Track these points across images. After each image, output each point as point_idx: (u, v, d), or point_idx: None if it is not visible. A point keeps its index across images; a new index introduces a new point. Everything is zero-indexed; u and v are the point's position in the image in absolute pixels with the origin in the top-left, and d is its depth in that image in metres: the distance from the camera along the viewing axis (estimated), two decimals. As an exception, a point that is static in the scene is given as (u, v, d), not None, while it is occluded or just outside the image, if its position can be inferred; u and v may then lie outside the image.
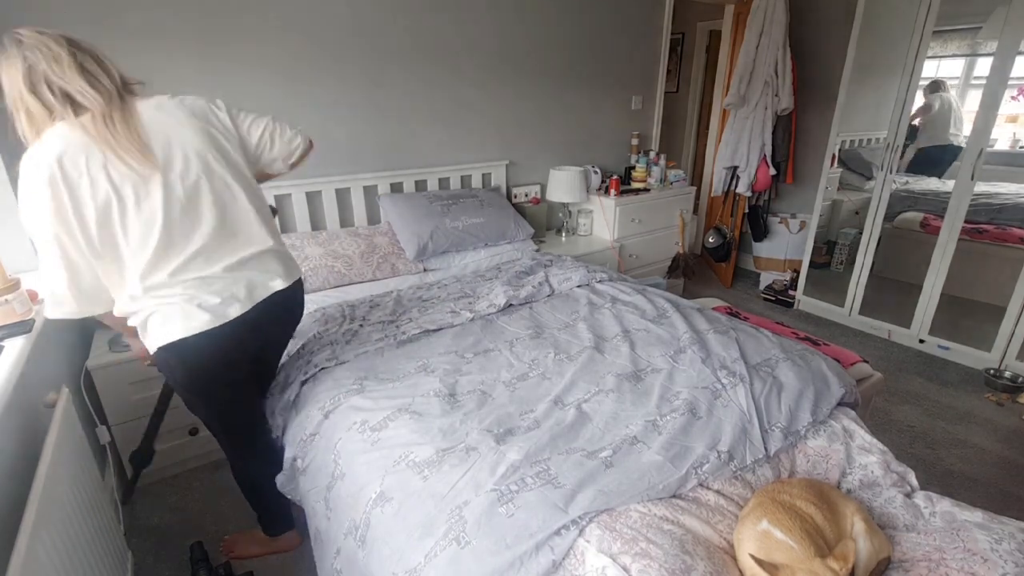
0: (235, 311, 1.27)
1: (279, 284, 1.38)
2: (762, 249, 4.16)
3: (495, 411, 1.41)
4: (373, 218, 2.75)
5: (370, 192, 2.70)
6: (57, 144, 1.08)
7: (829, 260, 3.67)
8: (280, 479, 1.53)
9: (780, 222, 4.01)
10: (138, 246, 1.17)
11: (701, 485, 1.20)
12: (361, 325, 1.91)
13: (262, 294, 1.34)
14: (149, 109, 1.20)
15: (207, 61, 2.12)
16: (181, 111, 1.24)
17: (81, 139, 1.10)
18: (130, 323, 1.26)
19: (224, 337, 1.27)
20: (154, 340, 1.24)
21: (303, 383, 1.63)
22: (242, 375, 1.42)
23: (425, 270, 2.58)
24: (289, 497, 1.55)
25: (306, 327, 1.90)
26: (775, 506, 1.06)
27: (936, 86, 3.14)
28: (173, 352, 1.24)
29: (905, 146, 2.95)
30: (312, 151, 1.51)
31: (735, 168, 3.78)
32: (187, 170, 1.21)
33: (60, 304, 1.19)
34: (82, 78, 1.11)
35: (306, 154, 1.49)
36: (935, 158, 3.18)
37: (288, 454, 1.53)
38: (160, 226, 1.18)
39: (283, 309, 1.44)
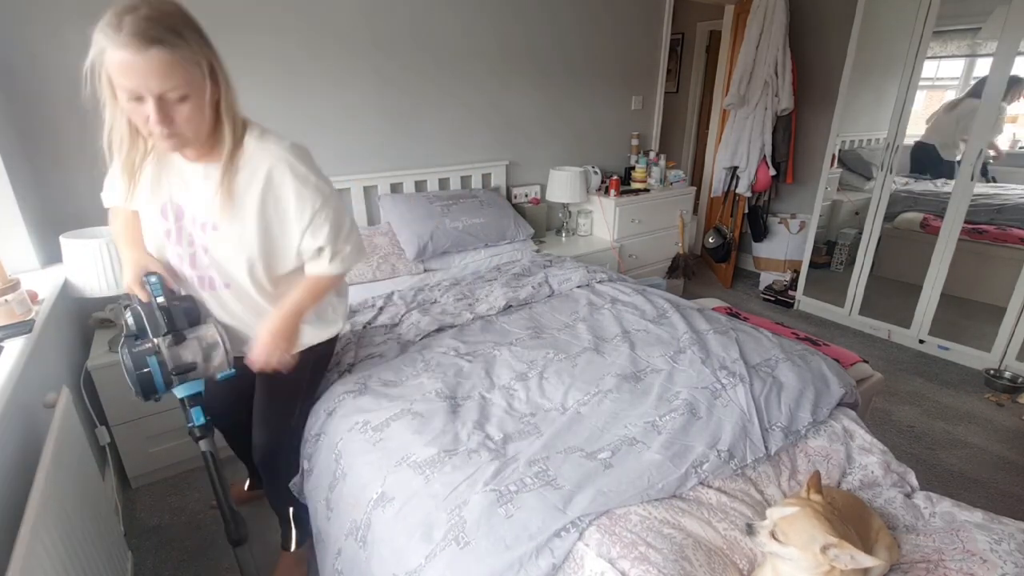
0: None
1: None
2: (762, 249, 4.15)
3: (495, 412, 1.42)
4: (373, 218, 2.75)
5: (370, 192, 2.70)
6: None
7: (829, 260, 3.67)
8: (293, 481, 1.53)
9: (780, 222, 4.01)
10: None
11: (702, 484, 1.20)
12: (364, 327, 1.91)
13: None
14: None
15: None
16: None
17: None
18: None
19: None
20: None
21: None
22: None
23: (425, 270, 2.58)
24: (297, 497, 1.54)
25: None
26: (822, 509, 0.97)
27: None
28: None
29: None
30: None
31: (735, 168, 3.78)
32: None
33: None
34: None
35: None
36: (930, 159, 3.17)
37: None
38: None
39: None
